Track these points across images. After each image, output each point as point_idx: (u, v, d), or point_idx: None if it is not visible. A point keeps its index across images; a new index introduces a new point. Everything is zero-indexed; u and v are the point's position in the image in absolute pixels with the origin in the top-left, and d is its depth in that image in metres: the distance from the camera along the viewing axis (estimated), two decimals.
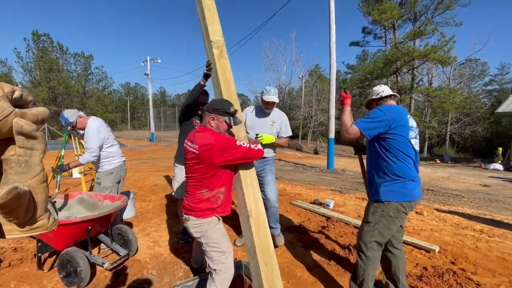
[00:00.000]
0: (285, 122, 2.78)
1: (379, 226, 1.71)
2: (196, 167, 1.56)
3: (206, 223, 1.59)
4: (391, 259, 1.86)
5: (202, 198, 1.58)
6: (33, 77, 30.66)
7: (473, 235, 3.27)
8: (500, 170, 10.86)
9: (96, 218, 2.24)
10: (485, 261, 2.51)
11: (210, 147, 1.49)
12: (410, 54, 17.09)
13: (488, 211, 4.94)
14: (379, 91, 1.95)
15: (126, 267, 2.40)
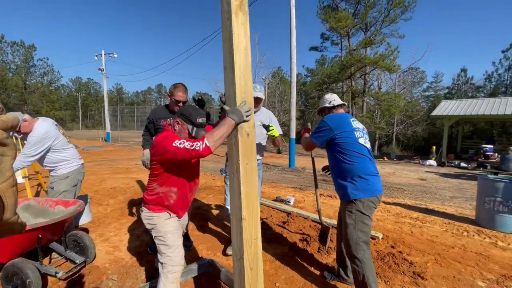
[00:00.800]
0: (274, 120, 2.70)
1: (358, 226, 1.81)
2: (152, 161, 1.65)
3: (156, 217, 1.67)
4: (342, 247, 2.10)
5: (153, 191, 1.66)
6: None
7: (410, 222, 3.78)
8: (434, 166, 12.50)
9: (46, 226, 2.10)
10: (418, 244, 2.95)
11: (154, 144, 1.58)
12: (362, 61, 18.67)
13: (423, 202, 5.70)
14: (330, 99, 2.18)
15: (83, 275, 2.29)
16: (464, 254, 2.72)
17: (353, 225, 1.82)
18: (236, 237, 1.32)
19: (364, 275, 1.76)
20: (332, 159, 1.99)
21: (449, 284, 2.18)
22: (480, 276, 2.31)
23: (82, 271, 2.34)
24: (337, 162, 1.93)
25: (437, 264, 2.49)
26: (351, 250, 1.82)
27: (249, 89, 1.34)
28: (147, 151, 2.74)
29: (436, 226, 3.64)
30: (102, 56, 22.66)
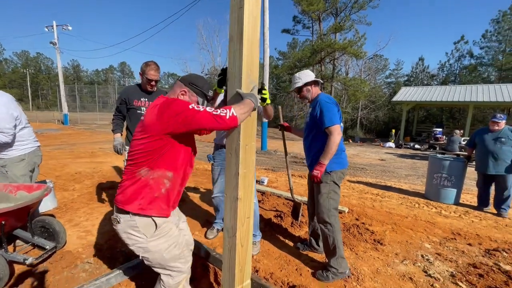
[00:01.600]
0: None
1: (331, 195, 2.02)
2: (143, 135, 1.22)
3: (149, 224, 1.31)
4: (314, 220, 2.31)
5: (139, 181, 1.25)
6: None
7: (371, 197, 4.19)
8: (392, 148, 13.65)
9: (9, 212, 1.97)
10: (378, 215, 3.30)
11: (157, 108, 1.19)
12: (332, 46, 19.13)
13: (383, 179, 6.27)
14: (311, 75, 2.18)
15: (55, 261, 2.21)
16: (415, 223, 3.13)
17: (326, 193, 2.02)
18: (230, 216, 1.33)
19: (334, 238, 1.99)
20: (320, 137, 2.06)
21: (402, 248, 2.51)
22: (427, 240, 2.69)
23: (53, 257, 2.25)
24: (324, 139, 2.01)
25: (394, 232, 2.84)
26: (324, 216, 2.02)
27: (255, 65, 1.27)
28: (118, 135, 2.59)
29: (393, 200, 4.08)
30: (53, 28, 20.19)
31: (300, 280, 2.00)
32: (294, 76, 2.21)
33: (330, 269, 1.99)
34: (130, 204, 1.23)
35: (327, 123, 1.97)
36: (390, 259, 2.30)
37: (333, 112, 1.98)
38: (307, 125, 2.21)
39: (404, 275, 2.06)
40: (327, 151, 1.97)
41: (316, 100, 2.10)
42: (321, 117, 2.00)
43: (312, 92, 2.16)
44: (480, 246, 2.57)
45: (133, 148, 1.25)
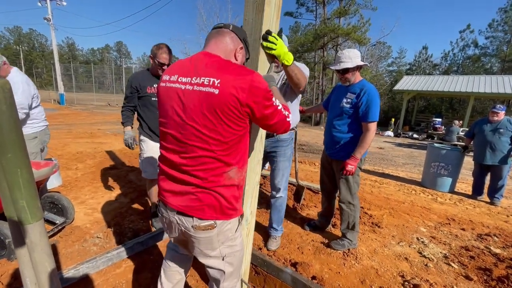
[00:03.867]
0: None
1: (356, 179, 2.16)
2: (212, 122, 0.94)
3: (232, 225, 1.12)
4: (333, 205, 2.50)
5: (230, 180, 1.04)
6: None
7: (370, 183, 4.29)
8: (391, 136, 13.76)
9: None
10: (376, 201, 3.40)
11: (249, 83, 0.91)
12: (336, 31, 18.72)
13: (381, 167, 6.38)
14: (359, 56, 2.04)
15: (65, 235, 2.28)
16: (412, 208, 3.24)
17: (352, 178, 2.15)
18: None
19: (355, 216, 2.21)
20: (354, 127, 2.08)
21: (399, 230, 2.62)
22: (422, 224, 2.80)
23: (63, 232, 2.33)
24: (357, 131, 2.07)
25: (391, 216, 2.95)
26: (349, 198, 2.19)
27: (276, 19, 1.29)
28: (128, 129, 2.42)
29: (391, 187, 4.19)
30: (47, 2, 19.42)
31: (301, 257, 2.10)
32: (342, 53, 2.03)
33: (346, 240, 2.23)
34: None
35: (371, 117, 1.96)
36: (387, 240, 2.41)
37: (378, 106, 1.98)
38: (340, 109, 2.12)
39: (400, 255, 2.17)
40: (364, 146, 2.01)
41: (360, 88, 2.02)
42: (367, 110, 1.96)
43: (356, 76, 2.09)
44: (472, 231, 2.69)
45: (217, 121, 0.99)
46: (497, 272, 1.95)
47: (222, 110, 0.92)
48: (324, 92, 24.27)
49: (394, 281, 1.86)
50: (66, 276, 1.68)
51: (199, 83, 0.93)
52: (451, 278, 1.91)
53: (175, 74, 1.01)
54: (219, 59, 1.00)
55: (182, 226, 1.06)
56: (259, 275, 2.00)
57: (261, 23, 1.21)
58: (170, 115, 1.01)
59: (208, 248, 1.10)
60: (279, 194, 2.18)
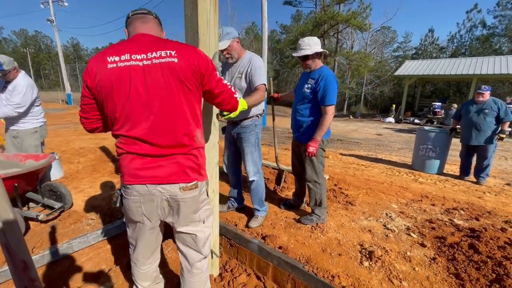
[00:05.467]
0: (253, 67, 2.09)
1: (320, 159, 2.33)
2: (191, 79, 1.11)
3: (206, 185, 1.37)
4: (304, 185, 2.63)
5: (201, 143, 1.25)
6: None
7: (356, 167, 4.44)
8: (392, 123, 13.69)
9: (21, 175, 2.28)
10: (356, 182, 3.57)
11: (195, 53, 1.10)
12: (335, 18, 18.45)
13: (375, 152, 6.49)
14: (319, 44, 2.17)
15: (63, 218, 2.56)
16: (390, 187, 3.39)
17: (315, 159, 2.30)
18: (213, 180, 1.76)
19: (321, 194, 2.37)
20: (314, 111, 2.23)
21: (371, 208, 2.79)
22: (395, 201, 2.96)
23: (62, 216, 2.60)
24: (317, 114, 2.22)
25: (367, 195, 3.12)
26: (314, 177, 2.34)
27: (213, 20, 1.43)
28: None
29: (376, 169, 4.33)
30: (49, 4, 19.78)
31: (272, 231, 2.31)
32: (302, 41, 2.15)
33: (314, 215, 2.41)
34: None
35: (327, 101, 2.11)
36: (356, 216, 2.59)
37: (335, 91, 2.12)
38: (302, 95, 2.27)
39: (365, 228, 2.35)
40: (322, 129, 2.16)
41: (319, 73, 2.16)
42: (324, 94, 2.11)
43: (317, 62, 2.22)
44: (442, 206, 2.84)
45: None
46: (451, 239, 2.12)
47: (185, 76, 1.06)
48: None
49: (353, 249, 2.05)
50: (61, 249, 1.95)
51: (157, 56, 1.03)
52: (407, 245, 2.09)
53: (125, 54, 1.05)
54: (159, 38, 1.14)
55: (168, 194, 1.15)
56: (233, 247, 2.23)
57: (197, 17, 1.37)
58: (132, 95, 1.06)
59: (192, 210, 1.24)
60: (251, 177, 2.34)
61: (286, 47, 24.59)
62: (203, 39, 1.44)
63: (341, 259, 1.92)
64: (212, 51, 1.51)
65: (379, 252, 1.96)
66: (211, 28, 1.46)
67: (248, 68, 2.10)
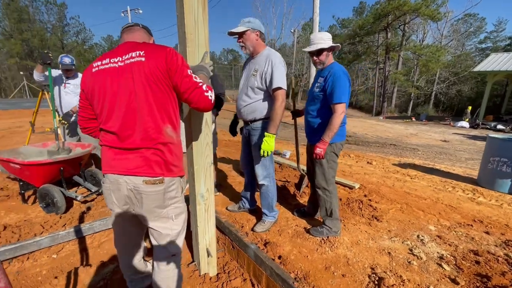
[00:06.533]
0: (270, 66, 1.95)
1: (330, 164, 2.12)
2: (160, 76, 1.17)
3: (178, 182, 1.37)
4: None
5: (172, 140, 1.28)
6: (3, 28, 28.32)
7: (398, 177, 3.89)
8: (466, 128, 11.60)
9: (66, 160, 2.66)
10: (392, 194, 3.12)
11: (165, 52, 1.17)
12: (401, 8, 16.50)
13: (433, 162, 5.61)
14: (331, 38, 2.02)
15: (97, 202, 2.91)
16: (433, 205, 2.86)
17: (326, 163, 2.10)
18: (205, 181, 1.74)
19: (331, 203, 2.16)
20: (324, 111, 2.04)
21: (400, 226, 2.40)
22: (435, 223, 2.48)
23: (97, 199, 2.96)
24: (328, 114, 1.99)
25: (400, 211, 2.69)
26: (323, 184, 2.15)
27: (201, 17, 1.40)
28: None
29: (423, 182, 3.72)
30: (128, 12, 22.78)
31: (277, 238, 2.19)
32: (314, 36, 2.02)
33: (325, 227, 2.19)
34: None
35: (335, 99, 1.91)
36: (379, 234, 2.26)
37: (345, 88, 1.92)
38: (312, 94, 2.12)
39: (384, 249, 2.03)
40: (331, 129, 1.95)
41: (329, 70, 1.99)
42: (332, 92, 1.92)
43: (329, 58, 2.07)
44: (500, 236, 2.26)
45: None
46: (498, 280, 1.66)
47: (152, 74, 1.14)
48: (387, 78, 21.85)
49: (362, 272, 1.79)
50: (83, 229, 2.21)
51: (128, 57, 1.16)
52: (433, 278, 1.72)
53: (106, 59, 1.21)
54: (139, 43, 1.25)
55: (132, 185, 1.21)
56: (234, 249, 2.19)
57: (183, 17, 1.35)
58: (108, 93, 1.18)
59: (157, 205, 1.26)
60: (260, 181, 2.25)
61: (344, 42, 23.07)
62: (190, 38, 1.43)
63: (343, 281, 1.69)
64: (201, 50, 1.48)
65: (391, 281, 1.66)
66: (199, 27, 1.43)
67: (265, 67, 1.99)
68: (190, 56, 1.46)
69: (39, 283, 1.87)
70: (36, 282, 1.89)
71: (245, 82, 2.13)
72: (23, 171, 2.57)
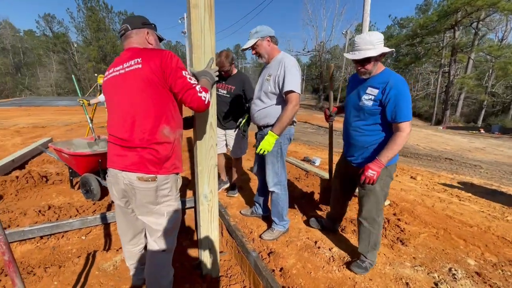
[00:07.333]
0: (283, 69, 1.91)
1: (384, 191, 1.78)
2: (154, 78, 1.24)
3: (172, 181, 1.42)
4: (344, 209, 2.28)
5: (168, 139, 1.34)
6: (84, 37, 33.49)
7: (442, 197, 3.38)
8: None
9: (104, 153, 2.98)
10: (429, 217, 2.72)
11: (160, 56, 1.24)
12: (473, 4, 14.38)
13: (498, 183, 4.76)
14: (382, 39, 1.63)
15: None
16: (480, 235, 2.40)
17: (380, 190, 1.76)
18: (208, 182, 1.75)
19: (377, 235, 1.83)
20: (381, 126, 1.71)
21: (430, 254, 2.07)
22: (477, 256, 2.08)
23: None
24: (385, 134, 1.71)
25: (434, 237, 2.33)
26: (373, 215, 1.80)
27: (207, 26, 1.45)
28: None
29: (474, 206, 3.16)
30: (184, 19, 24.71)
31: (283, 249, 2.10)
32: (361, 38, 1.63)
33: (367, 261, 1.85)
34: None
35: (403, 117, 1.57)
36: (400, 260, 1.99)
37: (410, 102, 1.60)
38: (360, 108, 1.74)
39: (402, 278, 1.78)
40: (393, 150, 1.60)
41: (385, 80, 1.62)
42: (396, 109, 1.57)
43: (378, 66, 1.69)
44: None
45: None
46: None
47: (148, 78, 1.22)
48: (452, 83, 19.30)
49: None
50: (108, 216, 2.44)
51: (128, 65, 1.27)
52: None
53: (110, 69, 1.37)
54: (137, 48, 1.35)
55: (127, 180, 1.30)
56: (239, 253, 2.16)
57: (191, 24, 1.40)
58: (112, 99, 1.34)
59: (149, 201, 1.34)
60: (270, 188, 2.19)
61: (401, 43, 21.13)
62: (197, 45, 1.48)
63: None
64: (207, 56, 1.51)
65: None
66: (206, 35, 1.47)
67: (278, 70, 1.94)
68: (196, 62, 1.51)
69: (67, 259, 2.13)
70: (66, 258, 2.16)
71: (260, 87, 2.12)
72: (70, 160, 2.97)
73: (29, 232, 2.17)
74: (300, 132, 10.62)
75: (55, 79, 33.90)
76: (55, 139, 6.29)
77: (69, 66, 33.76)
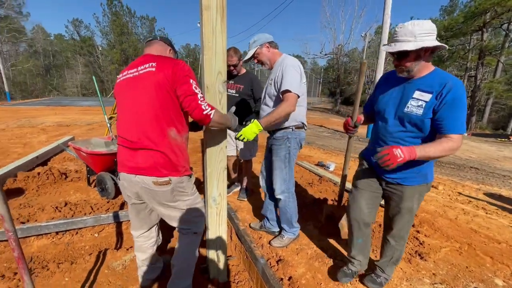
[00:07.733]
0: (281, 72, 1.86)
1: (416, 210, 1.59)
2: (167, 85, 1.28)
3: (187, 181, 1.49)
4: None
5: (177, 141, 1.38)
6: (109, 40, 35.02)
7: (466, 209, 3.15)
8: None
9: None
10: (451, 229, 2.54)
11: (174, 63, 1.29)
12: (504, 4, 13.58)
13: None
14: (433, 31, 1.29)
15: None
16: (509, 252, 2.20)
17: (416, 208, 1.58)
18: (217, 185, 1.74)
19: (401, 252, 1.72)
20: (429, 139, 1.40)
21: (451, 271, 1.92)
22: (506, 276, 1.90)
23: None
24: (428, 140, 1.42)
25: (457, 252, 2.17)
26: (403, 234, 1.65)
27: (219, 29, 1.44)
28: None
29: (503, 220, 2.92)
30: None
31: (292, 257, 2.03)
32: (401, 28, 1.30)
33: (383, 276, 1.75)
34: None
35: (458, 129, 1.30)
36: (418, 275, 1.86)
37: (466, 113, 1.34)
38: (405, 116, 1.41)
39: None
40: (436, 153, 1.30)
41: (442, 83, 1.31)
42: (453, 118, 1.30)
43: (422, 64, 1.36)
44: None
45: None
46: None
47: (160, 81, 1.26)
48: (479, 87, 18.29)
49: None
50: (120, 215, 2.48)
51: (142, 68, 1.31)
52: None
53: (125, 71, 1.41)
54: (154, 55, 1.40)
55: (142, 184, 1.33)
56: (248, 259, 2.12)
57: (203, 26, 1.39)
58: (123, 100, 1.37)
59: (167, 200, 1.40)
60: (277, 195, 2.10)
61: None
62: (208, 46, 1.46)
63: None
64: (218, 58, 1.50)
65: None
66: (217, 36, 1.46)
67: (278, 72, 1.92)
68: (207, 63, 1.50)
69: (80, 256, 2.18)
70: (79, 254, 2.21)
71: (265, 92, 2.10)
72: (87, 159, 3.06)
73: (45, 227, 2.24)
74: (315, 135, 10.43)
75: (81, 80, 35.72)
76: (76, 138, 6.56)
77: (93, 68, 35.47)
